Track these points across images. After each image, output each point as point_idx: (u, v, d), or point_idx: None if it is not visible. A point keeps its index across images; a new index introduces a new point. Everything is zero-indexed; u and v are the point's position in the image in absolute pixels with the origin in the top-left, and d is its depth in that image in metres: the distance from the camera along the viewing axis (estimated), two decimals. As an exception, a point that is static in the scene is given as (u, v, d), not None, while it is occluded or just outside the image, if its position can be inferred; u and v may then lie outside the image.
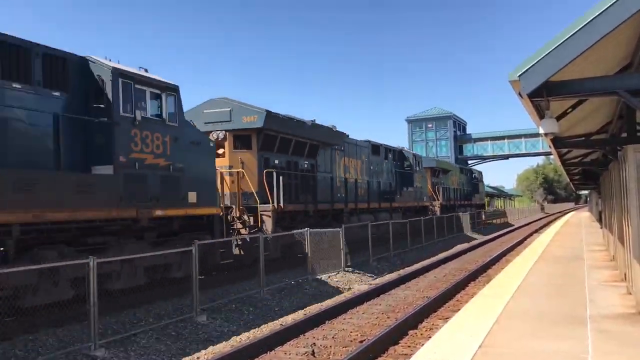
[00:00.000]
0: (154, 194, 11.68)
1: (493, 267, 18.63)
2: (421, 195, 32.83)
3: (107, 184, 10.56)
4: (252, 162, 17.42)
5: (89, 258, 8.57)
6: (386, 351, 8.52)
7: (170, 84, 12.56)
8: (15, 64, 9.49)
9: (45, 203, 9.19)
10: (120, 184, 10.83)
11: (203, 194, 13.13)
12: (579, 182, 31.18)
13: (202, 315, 10.64)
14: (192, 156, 12.92)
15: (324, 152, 21.54)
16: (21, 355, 8.05)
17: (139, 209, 11.16)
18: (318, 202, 20.00)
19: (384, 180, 27.01)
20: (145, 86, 11.79)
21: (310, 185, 20.01)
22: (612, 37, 6.88)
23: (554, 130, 8.02)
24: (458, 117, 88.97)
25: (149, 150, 11.67)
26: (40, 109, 9.85)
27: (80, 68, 10.93)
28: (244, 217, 16.26)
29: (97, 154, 10.86)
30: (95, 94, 10.97)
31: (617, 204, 10.38)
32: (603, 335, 6.76)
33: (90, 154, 10.86)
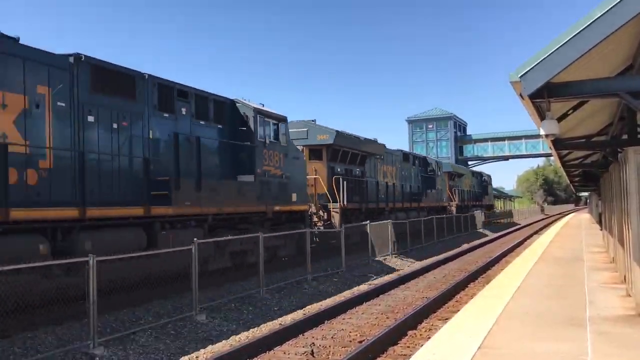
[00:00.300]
0: (274, 195, 16.46)
1: (493, 268, 18.65)
2: (441, 197, 37.83)
3: (251, 188, 15.26)
4: (323, 170, 22.49)
5: (89, 256, 8.56)
6: (385, 351, 8.52)
7: (282, 116, 17.59)
8: (202, 108, 14.36)
9: (222, 202, 13.88)
10: (257, 188, 15.52)
11: (300, 194, 18.17)
12: (579, 183, 31.18)
13: (202, 314, 10.64)
14: (294, 167, 17.97)
15: (370, 161, 26.62)
16: (20, 353, 8.04)
17: (267, 205, 15.94)
18: (368, 202, 24.77)
19: (412, 184, 32.36)
20: (269, 118, 16.73)
21: (362, 188, 24.67)
22: (613, 38, 6.87)
23: (555, 131, 8.01)
24: (458, 118, 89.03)
25: (272, 164, 16.64)
26: (212, 137, 14.66)
27: (231, 107, 15.68)
28: (319, 212, 21.17)
29: (242, 167, 15.47)
30: (240, 125, 15.58)
31: (617, 206, 10.38)
32: (602, 337, 6.75)
33: (237, 167, 15.36)
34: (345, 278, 16.48)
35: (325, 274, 16.40)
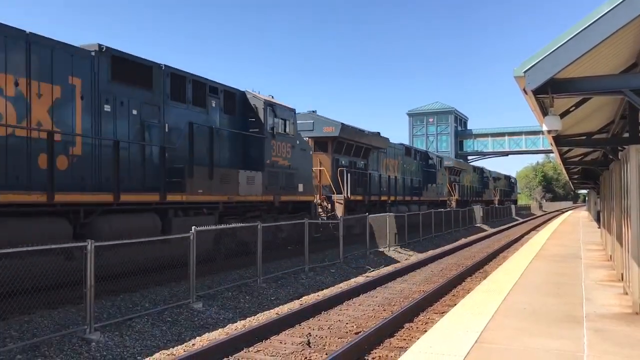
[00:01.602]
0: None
1: (490, 264, 18.67)
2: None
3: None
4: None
5: (87, 242, 8.55)
6: (382, 343, 8.53)
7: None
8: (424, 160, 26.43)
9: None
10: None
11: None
12: (578, 181, 31.21)
13: (198, 302, 10.64)
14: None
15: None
16: (16, 336, 8.04)
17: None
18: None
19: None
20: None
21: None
22: (618, 36, 6.84)
23: (557, 127, 8.00)
24: (459, 113, 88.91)
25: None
26: (418, 169, 26.24)
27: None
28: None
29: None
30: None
31: (617, 204, 10.37)
32: (599, 334, 6.76)
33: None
34: (343, 269, 16.49)
35: (322, 265, 16.41)
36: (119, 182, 11.01)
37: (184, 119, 13.52)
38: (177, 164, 12.92)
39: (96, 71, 11.27)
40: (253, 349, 8.21)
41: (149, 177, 12.40)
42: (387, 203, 27.24)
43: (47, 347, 7.76)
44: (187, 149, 13.30)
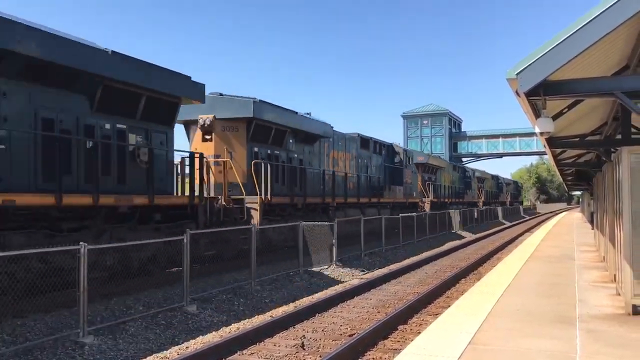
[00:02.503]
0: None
1: (484, 265, 18.71)
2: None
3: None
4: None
5: (80, 245, 8.52)
6: (376, 345, 8.54)
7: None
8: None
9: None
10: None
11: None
12: (572, 182, 31.35)
13: (192, 305, 10.62)
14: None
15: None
16: (9, 340, 8.01)
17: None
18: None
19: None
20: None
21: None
22: (609, 38, 6.89)
23: (550, 129, 8.03)
24: (454, 115, 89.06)
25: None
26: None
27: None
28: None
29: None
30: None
31: (610, 206, 10.42)
32: (592, 335, 6.79)
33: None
34: (337, 272, 16.46)
35: (317, 267, 16.39)
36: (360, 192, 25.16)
37: (379, 162, 28.68)
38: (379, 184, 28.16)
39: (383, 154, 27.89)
40: (247, 351, 8.20)
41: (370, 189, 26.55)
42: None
43: (40, 351, 7.73)
44: (383, 177, 29.00)
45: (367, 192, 26.25)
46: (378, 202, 27.15)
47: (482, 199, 54.92)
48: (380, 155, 29.04)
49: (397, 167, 30.86)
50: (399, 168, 30.99)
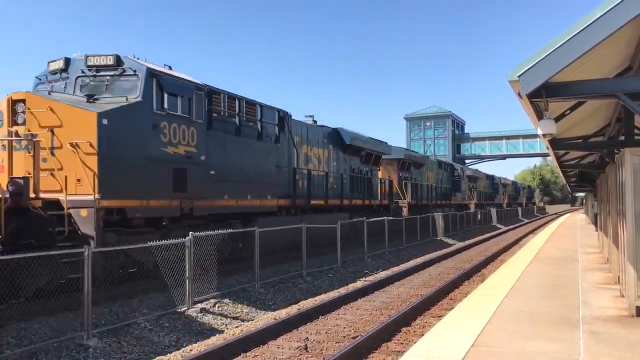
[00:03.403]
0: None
1: (487, 267, 18.69)
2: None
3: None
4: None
5: (84, 248, 8.55)
6: (379, 347, 8.55)
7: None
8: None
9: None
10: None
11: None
12: (576, 184, 31.28)
13: (196, 307, 10.64)
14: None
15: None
16: (14, 343, 8.04)
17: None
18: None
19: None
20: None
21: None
22: (612, 40, 6.89)
23: (552, 131, 8.03)
24: (456, 116, 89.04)
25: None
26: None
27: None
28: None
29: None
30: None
31: (613, 207, 10.41)
32: (595, 337, 6.78)
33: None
34: (341, 274, 16.49)
35: (320, 269, 16.40)
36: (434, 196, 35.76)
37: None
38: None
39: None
40: (250, 353, 8.22)
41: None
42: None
43: (45, 354, 7.76)
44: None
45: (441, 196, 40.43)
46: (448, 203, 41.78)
47: (475, 200, 50.51)
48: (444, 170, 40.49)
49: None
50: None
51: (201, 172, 13.40)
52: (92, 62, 12.25)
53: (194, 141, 13.09)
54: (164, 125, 12.26)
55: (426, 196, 35.79)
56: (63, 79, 12.34)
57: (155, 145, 11.97)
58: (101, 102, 11.48)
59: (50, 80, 12.49)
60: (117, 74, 12.11)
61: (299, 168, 18.95)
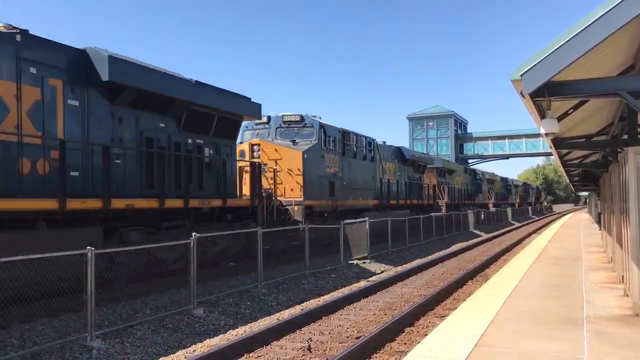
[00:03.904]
0: None
1: (491, 267, 18.66)
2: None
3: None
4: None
5: (87, 249, 8.56)
6: (382, 348, 8.53)
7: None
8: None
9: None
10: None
11: None
12: (579, 183, 31.21)
13: (199, 308, 10.65)
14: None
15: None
16: (17, 344, 8.05)
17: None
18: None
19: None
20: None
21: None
22: (614, 38, 6.87)
23: (555, 130, 8.02)
24: (459, 116, 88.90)
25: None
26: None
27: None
28: None
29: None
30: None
31: (616, 206, 10.38)
32: (599, 336, 6.76)
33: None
34: (344, 274, 16.48)
35: (323, 270, 16.40)
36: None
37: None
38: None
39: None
40: (254, 354, 8.22)
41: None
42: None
43: (48, 355, 7.77)
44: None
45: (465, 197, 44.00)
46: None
47: (492, 200, 57.19)
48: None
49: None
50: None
51: (340, 183, 21.96)
52: (286, 119, 20.73)
53: (337, 165, 21.65)
54: (325, 156, 20.83)
55: (457, 197, 43.85)
56: (266, 128, 20.58)
57: (322, 169, 20.57)
58: (299, 145, 19.97)
59: (256, 129, 20.71)
60: (301, 126, 20.57)
61: (382, 178, 26.77)
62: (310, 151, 19.65)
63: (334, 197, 21.13)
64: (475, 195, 50.61)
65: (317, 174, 20.07)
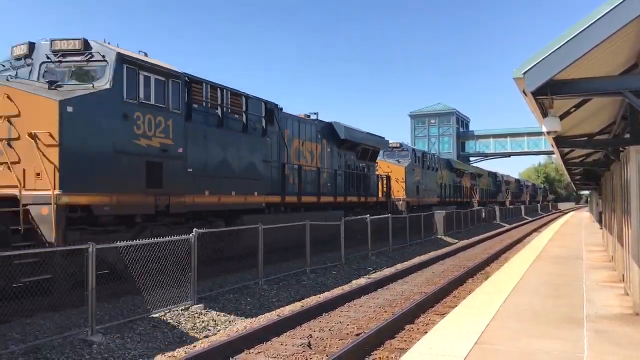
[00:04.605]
0: None
1: (491, 265, 18.65)
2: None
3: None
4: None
5: (88, 244, 8.57)
6: (382, 345, 8.54)
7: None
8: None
9: None
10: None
11: None
12: (580, 182, 31.16)
13: (200, 304, 10.66)
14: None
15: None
16: (18, 339, 8.07)
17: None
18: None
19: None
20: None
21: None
22: (617, 37, 6.85)
23: (557, 129, 8.01)
24: (461, 114, 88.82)
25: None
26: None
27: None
28: None
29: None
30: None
31: (618, 205, 10.37)
32: (599, 335, 6.77)
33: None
34: (344, 271, 16.50)
35: (324, 267, 16.41)
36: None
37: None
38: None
39: None
40: (254, 350, 8.23)
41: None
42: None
43: (49, 350, 7.79)
44: None
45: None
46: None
47: (509, 198, 67.07)
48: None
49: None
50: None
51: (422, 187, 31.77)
52: (391, 146, 28.15)
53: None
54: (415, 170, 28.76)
55: (484, 196, 54.78)
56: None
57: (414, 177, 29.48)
58: (401, 162, 28.30)
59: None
60: (400, 150, 28.76)
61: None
62: (408, 167, 30.78)
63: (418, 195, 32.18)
64: (496, 194, 61.61)
65: (411, 182, 31.03)
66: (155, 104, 11.94)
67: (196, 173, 13.13)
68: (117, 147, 10.90)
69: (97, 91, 10.66)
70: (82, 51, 11.22)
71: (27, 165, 9.93)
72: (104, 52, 11.16)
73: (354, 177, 24.01)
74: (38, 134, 9.83)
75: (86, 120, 10.29)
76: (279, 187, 17.41)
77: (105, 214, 10.78)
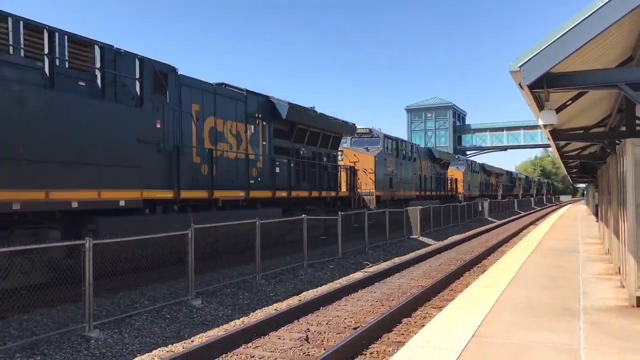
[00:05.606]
0: None
1: (488, 258, 18.71)
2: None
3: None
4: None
5: (85, 240, 8.56)
6: (380, 338, 8.57)
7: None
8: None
9: None
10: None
11: None
12: (577, 175, 31.28)
13: (197, 298, 10.67)
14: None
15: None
16: (16, 335, 8.07)
17: None
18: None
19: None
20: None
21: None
22: (613, 30, 6.86)
23: (553, 122, 8.03)
24: (458, 108, 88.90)
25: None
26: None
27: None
28: None
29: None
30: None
31: (614, 198, 10.40)
32: (595, 327, 6.80)
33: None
34: (341, 265, 16.53)
35: (321, 261, 16.44)
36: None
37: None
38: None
39: None
40: (252, 345, 8.25)
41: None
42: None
43: (47, 345, 7.78)
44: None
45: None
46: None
47: (521, 192, 79.86)
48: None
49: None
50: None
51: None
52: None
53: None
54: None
55: (505, 190, 66.83)
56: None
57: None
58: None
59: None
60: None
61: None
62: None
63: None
64: (512, 189, 73.50)
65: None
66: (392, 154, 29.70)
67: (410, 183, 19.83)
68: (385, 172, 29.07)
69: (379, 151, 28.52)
70: (369, 133, 28.29)
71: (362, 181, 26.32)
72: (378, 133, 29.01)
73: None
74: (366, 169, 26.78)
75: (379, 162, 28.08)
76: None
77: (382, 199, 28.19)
